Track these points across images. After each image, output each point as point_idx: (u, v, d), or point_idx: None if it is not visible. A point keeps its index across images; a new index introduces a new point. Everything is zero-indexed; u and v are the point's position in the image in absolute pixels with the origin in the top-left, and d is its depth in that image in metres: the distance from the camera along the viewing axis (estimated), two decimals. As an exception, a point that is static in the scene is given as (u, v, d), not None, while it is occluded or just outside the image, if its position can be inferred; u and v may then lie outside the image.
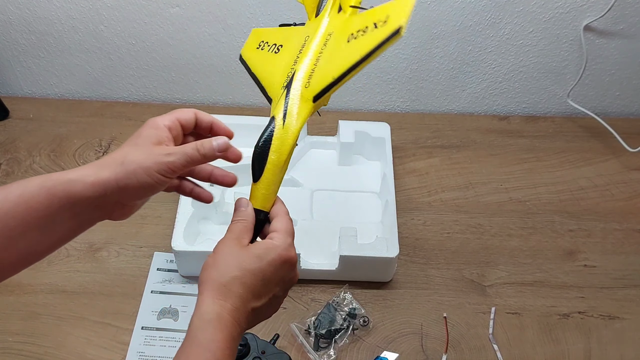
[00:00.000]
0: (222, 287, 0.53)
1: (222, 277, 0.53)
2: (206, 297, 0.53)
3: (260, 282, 0.54)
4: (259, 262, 0.54)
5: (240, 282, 0.53)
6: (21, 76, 1.09)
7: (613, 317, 0.84)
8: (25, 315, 0.81)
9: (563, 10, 0.97)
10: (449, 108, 1.13)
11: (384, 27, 0.55)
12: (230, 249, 0.55)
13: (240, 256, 0.54)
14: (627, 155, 1.03)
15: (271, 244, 0.55)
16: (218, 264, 0.54)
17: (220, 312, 0.52)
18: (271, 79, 0.62)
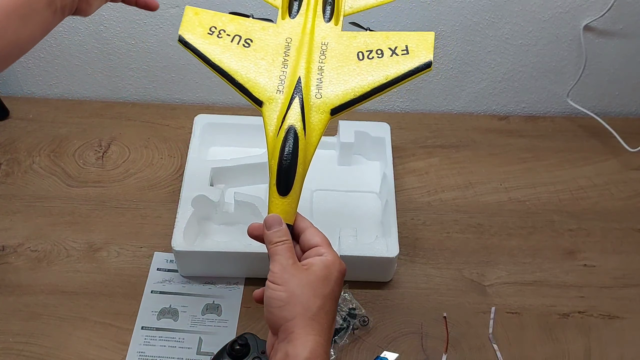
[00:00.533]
0: (312, 322, 0.52)
1: (309, 310, 0.52)
2: (300, 335, 0.51)
3: (334, 304, 0.54)
4: (329, 284, 0.53)
5: (324, 311, 0.52)
6: (21, 76, 1.09)
7: (613, 316, 0.84)
8: (25, 316, 0.81)
9: (562, 10, 0.97)
10: (448, 108, 1.13)
11: (409, 57, 0.58)
12: (299, 277, 0.53)
13: (311, 283, 0.53)
14: (627, 155, 1.03)
15: (328, 262, 0.55)
16: (298, 297, 0.52)
17: (316, 349, 0.51)
18: (254, 77, 0.60)
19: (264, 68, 0.60)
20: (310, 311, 0.52)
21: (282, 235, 0.56)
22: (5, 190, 0.94)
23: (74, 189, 0.95)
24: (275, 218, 0.57)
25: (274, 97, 0.59)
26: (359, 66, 0.59)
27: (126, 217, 0.92)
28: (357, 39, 0.62)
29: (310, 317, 0.52)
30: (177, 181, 0.96)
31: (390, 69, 0.58)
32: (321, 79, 0.59)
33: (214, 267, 0.84)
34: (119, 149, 1.01)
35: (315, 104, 0.58)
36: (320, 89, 0.58)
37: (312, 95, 0.58)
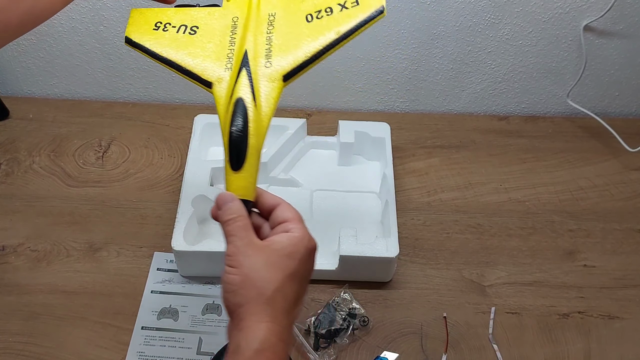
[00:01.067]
0: (266, 306, 0.47)
1: (262, 295, 0.47)
2: (251, 322, 0.46)
3: (297, 285, 0.49)
4: (292, 263, 0.49)
5: (282, 293, 0.47)
6: (21, 76, 1.09)
7: (613, 317, 0.84)
8: (25, 316, 0.81)
9: (562, 11, 0.97)
10: (448, 108, 1.13)
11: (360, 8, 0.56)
12: (254, 257, 0.48)
13: (269, 262, 0.48)
14: (627, 155, 1.03)
15: (294, 238, 0.50)
16: (251, 280, 0.47)
17: (269, 338, 0.46)
18: (201, 61, 0.58)
19: (212, 50, 0.58)
20: (264, 295, 0.47)
21: (234, 212, 0.50)
22: (5, 190, 0.94)
23: (74, 188, 0.95)
24: (225, 195, 0.52)
25: (222, 76, 0.57)
26: (309, 28, 0.57)
27: (126, 217, 0.92)
28: (304, 2, 0.59)
29: (263, 302, 0.47)
30: (177, 181, 0.96)
31: (341, 24, 0.56)
32: (270, 48, 0.57)
33: (214, 267, 0.84)
34: (119, 149, 1.01)
35: (265, 73, 0.56)
36: (270, 58, 0.56)
37: (262, 66, 0.56)
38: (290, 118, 0.99)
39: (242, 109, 0.54)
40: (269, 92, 0.55)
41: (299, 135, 0.99)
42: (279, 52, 0.56)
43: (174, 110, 1.08)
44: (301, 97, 1.11)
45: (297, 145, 0.99)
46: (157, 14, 0.63)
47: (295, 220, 0.51)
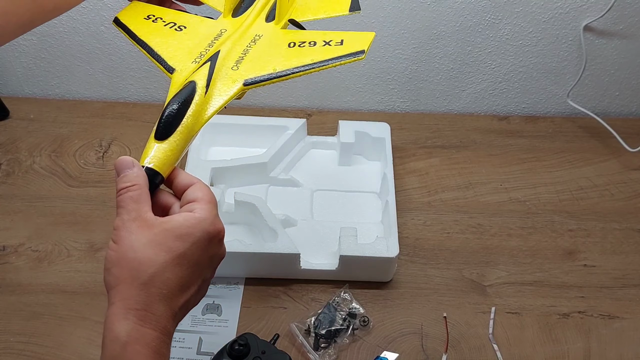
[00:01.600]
0: (139, 292, 0.41)
1: (136, 278, 0.41)
2: (118, 309, 0.41)
3: (186, 271, 0.43)
4: (182, 245, 0.43)
5: (161, 279, 0.42)
6: (22, 77, 1.09)
7: (613, 316, 0.84)
8: (26, 315, 0.81)
9: (562, 11, 0.97)
10: (449, 108, 1.13)
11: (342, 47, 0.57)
12: (137, 235, 0.42)
13: (154, 242, 0.42)
14: (627, 155, 1.03)
15: (193, 218, 0.44)
16: (127, 259, 0.42)
17: (138, 329, 0.41)
18: (174, 51, 0.59)
19: (188, 47, 0.59)
20: (138, 278, 0.41)
21: (129, 179, 0.45)
22: (6, 190, 0.94)
23: (75, 189, 0.95)
24: (124, 160, 0.46)
25: (187, 66, 0.57)
26: (287, 51, 0.58)
27: (127, 217, 0.92)
28: (293, 33, 0.61)
29: (136, 286, 0.41)
30: (178, 181, 0.96)
31: (319, 55, 0.56)
32: (242, 57, 0.57)
33: (214, 267, 0.84)
34: (120, 149, 1.01)
35: (229, 73, 0.56)
36: (239, 63, 0.57)
37: (228, 67, 0.56)
38: (290, 118, 0.99)
39: (191, 90, 0.54)
40: (224, 88, 0.56)
41: (299, 135, 0.99)
42: (249, 62, 0.57)
43: (175, 110, 1.08)
44: (301, 97, 1.11)
45: (297, 145, 0.99)
46: (154, 9, 0.64)
47: (204, 201, 0.46)
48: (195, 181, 0.48)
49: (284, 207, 0.91)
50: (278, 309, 0.83)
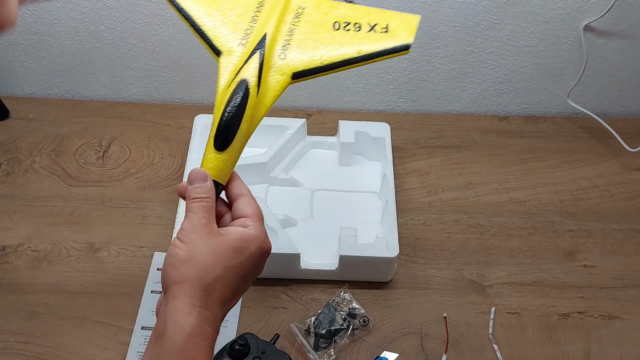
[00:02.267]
0: (203, 292, 0.46)
1: (203, 279, 0.46)
2: (183, 304, 0.45)
3: (239, 280, 0.48)
4: (240, 258, 0.48)
5: (222, 283, 0.47)
6: (22, 76, 1.09)
7: (613, 317, 0.84)
8: (25, 315, 0.81)
9: (563, 11, 0.97)
10: (449, 108, 1.13)
11: (387, 36, 0.55)
12: (206, 241, 0.47)
13: (219, 251, 0.47)
14: (627, 155, 1.03)
15: (248, 235, 0.49)
16: (195, 261, 0.46)
17: (201, 325, 0.45)
18: (219, 27, 0.57)
19: (231, 19, 0.57)
20: (203, 280, 0.46)
21: (203, 192, 0.50)
22: (5, 189, 0.94)
23: (75, 188, 0.95)
24: (199, 173, 0.51)
25: (234, 49, 0.55)
26: (333, 35, 0.55)
27: (126, 217, 0.92)
28: (337, 8, 0.58)
29: (200, 286, 0.46)
30: (178, 181, 0.96)
31: (365, 45, 0.54)
32: (289, 40, 0.55)
33: (214, 267, 0.84)
34: (120, 149, 1.01)
35: (277, 64, 0.54)
36: (286, 50, 0.55)
37: (276, 55, 0.54)
38: (290, 118, 0.99)
39: (244, 91, 0.52)
40: (274, 84, 0.54)
41: (299, 135, 0.99)
42: (297, 47, 0.55)
43: (175, 110, 1.08)
44: (301, 97, 1.11)
45: (298, 145, 0.99)
46: None
47: (254, 218, 0.50)
48: (245, 192, 0.52)
49: (284, 207, 0.91)
50: (278, 309, 0.83)
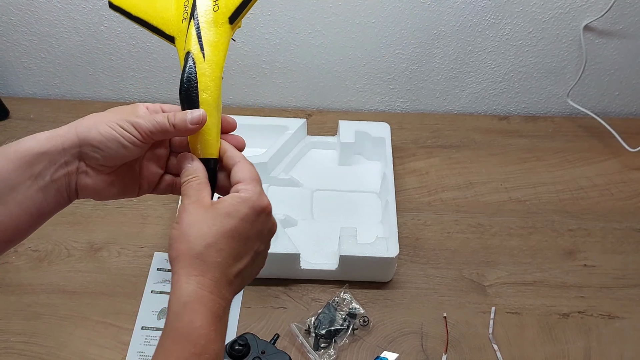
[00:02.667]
0: (196, 260, 0.47)
1: (193, 249, 0.47)
2: (180, 276, 0.47)
3: (237, 243, 0.49)
4: (231, 221, 0.48)
5: (215, 249, 0.47)
6: (22, 77, 1.09)
7: (613, 316, 0.84)
8: (26, 315, 0.81)
9: (562, 11, 0.97)
10: (449, 108, 1.13)
11: None
12: (195, 214, 0.49)
13: (208, 219, 0.48)
14: (627, 155, 1.03)
15: (238, 198, 0.49)
16: (185, 235, 0.48)
17: (197, 291, 0.46)
18: (164, 15, 0.57)
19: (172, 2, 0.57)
20: (194, 249, 0.47)
21: (190, 172, 0.51)
22: (6, 190, 0.94)
23: (75, 189, 0.95)
24: (185, 156, 0.52)
25: (180, 28, 0.56)
26: None
27: (127, 217, 0.92)
28: None
29: (193, 256, 0.47)
30: (178, 181, 0.96)
31: None
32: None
33: (214, 267, 0.84)
34: (120, 149, 1.01)
35: (212, 18, 0.54)
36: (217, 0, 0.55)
37: (210, 10, 0.55)
38: (290, 118, 0.99)
39: (191, 63, 0.53)
40: (217, 40, 0.54)
41: (299, 135, 0.99)
42: None
43: (175, 110, 1.08)
44: (301, 97, 1.11)
45: (298, 145, 0.99)
46: None
47: (247, 181, 0.51)
48: (238, 160, 0.52)
49: (284, 207, 0.92)
50: (278, 309, 0.83)
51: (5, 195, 0.47)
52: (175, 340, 0.45)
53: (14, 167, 0.47)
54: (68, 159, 0.49)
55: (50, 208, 0.51)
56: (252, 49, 1.03)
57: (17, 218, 0.48)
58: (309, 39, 1.01)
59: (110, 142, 0.50)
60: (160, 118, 0.51)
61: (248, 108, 1.12)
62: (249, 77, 1.07)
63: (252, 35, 1.01)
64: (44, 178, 0.49)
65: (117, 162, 0.52)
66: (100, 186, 0.52)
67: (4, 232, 0.48)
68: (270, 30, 1.00)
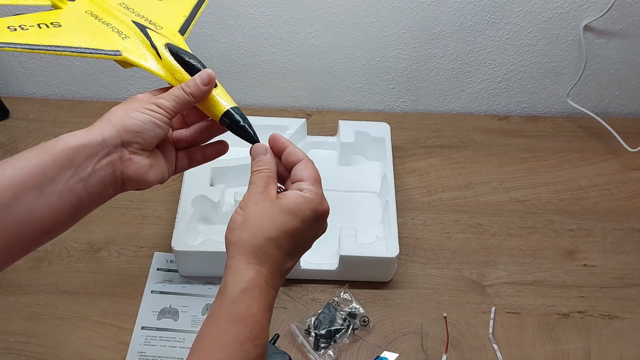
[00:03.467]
0: (257, 250, 0.50)
1: (255, 239, 0.50)
2: (240, 262, 0.49)
3: (295, 241, 0.51)
4: (294, 221, 0.51)
5: (275, 244, 0.50)
6: (22, 77, 1.09)
7: (613, 316, 0.84)
8: (26, 316, 0.81)
9: (562, 11, 0.97)
10: (448, 108, 1.13)
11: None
12: (260, 205, 0.51)
13: (273, 214, 0.51)
14: (627, 155, 1.03)
15: (303, 198, 0.52)
16: (249, 223, 0.50)
17: (256, 280, 0.49)
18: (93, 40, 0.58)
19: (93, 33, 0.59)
20: (256, 240, 0.50)
21: (262, 164, 0.54)
22: (6, 190, 0.94)
23: (75, 189, 0.95)
24: (259, 148, 0.56)
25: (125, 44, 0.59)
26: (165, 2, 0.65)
27: (127, 217, 0.92)
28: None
29: (255, 246, 0.50)
30: (177, 181, 0.96)
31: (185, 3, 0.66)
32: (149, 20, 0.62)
33: (214, 267, 0.84)
34: (120, 149, 1.01)
35: (165, 34, 0.60)
36: (157, 25, 0.61)
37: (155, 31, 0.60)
38: (290, 118, 0.99)
39: (188, 52, 0.58)
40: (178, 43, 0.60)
41: (299, 135, 0.99)
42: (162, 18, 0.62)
43: (175, 110, 1.08)
44: (301, 97, 1.11)
45: (297, 146, 0.99)
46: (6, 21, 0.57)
47: (310, 181, 0.54)
48: (302, 157, 0.56)
49: (284, 207, 0.91)
50: (278, 309, 0.83)
51: (44, 186, 0.48)
52: (232, 322, 0.48)
53: (53, 159, 0.49)
54: (110, 149, 0.52)
55: (90, 199, 0.53)
56: (251, 49, 1.03)
57: (55, 209, 0.50)
58: (308, 39, 1.01)
59: (146, 124, 0.53)
60: (177, 92, 0.55)
61: (248, 108, 1.11)
62: (248, 77, 1.07)
63: (252, 35, 1.01)
64: (85, 170, 0.50)
65: (155, 142, 0.55)
66: (143, 171, 0.54)
67: (42, 223, 0.49)
68: (270, 30, 1.00)
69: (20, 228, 0.47)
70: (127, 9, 0.63)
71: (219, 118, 0.57)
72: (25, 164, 0.48)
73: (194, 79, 0.55)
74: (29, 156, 0.48)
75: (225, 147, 0.63)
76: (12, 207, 0.46)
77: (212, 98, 0.57)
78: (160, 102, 0.54)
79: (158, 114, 0.54)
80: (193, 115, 0.61)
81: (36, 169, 0.48)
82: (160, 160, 0.57)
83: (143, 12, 0.63)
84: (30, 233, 0.49)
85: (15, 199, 0.47)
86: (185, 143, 0.61)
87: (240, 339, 0.47)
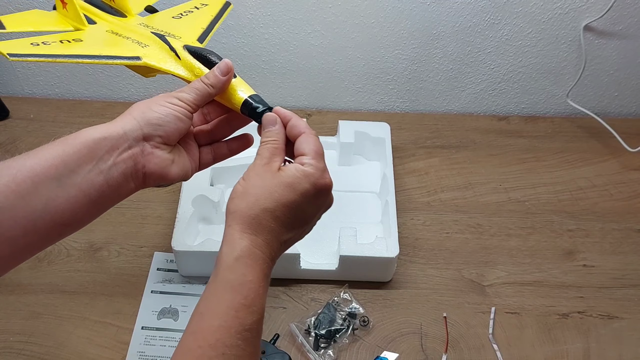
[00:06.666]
0: (252, 220, 0.50)
1: (252, 209, 0.50)
2: (235, 231, 0.50)
3: (293, 213, 0.51)
4: (292, 194, 0.51)
5: (272, 215, 0.50)
6: (22, 76, 1.09)
7: (612, 316, 0.84)
8: (26, 315, 0.81)
9: (562, 11, 0.97)
10: (448, 108, 1.13)
11: (212, 5, 0.72)
12: (261, 177, 0.52)
13: (271, 186, 0.51)
14: (627, 155, 1.03)
15: (303, 172, 0.52)
16: (247, 194, 0.51)
17: (250, 248, 0.49)
18: (113, 49, 0.62)
19: (114, 46, 0.62)
20: (252, 210, 0.50)
21: (270, 135, 0.54)
22: (5, 190, 0.94)
23: (75, 188, 0.95)
24: (269, 118, 0.55)
25: (144, 50, 0.62)
26: (183, 21, 0.67)
27: (126, 216, 0.92)
28: (162, 14, 0.70)
29: (250, 215, 0.50)
30: (178, 181, 0.96)
31: (207, 14, 0.70)
32: (167, 32, 0.64)
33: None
34: (120, 149, 1.01)
35: (180, 40, 0.62)
36: (174, 35, 0.63)
37: (174, 37, 0.63)
38: (290, 118, 0.99)
39: (205, 49, 0.60)
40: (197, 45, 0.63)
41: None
42: (179, 33, 0.64)
43: (174, 110, 1.08)
44: (301, 97, 1.11)
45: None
46: (21, 41, 0.58)
47: (311, 155, 0.53)
48: (304, 130, 0.55)
49: (284, 207, 0.91)
50: (278, 308, 0.83)
51: (64, 178, 0.48)
52: (228, 290, 0.48)
53: (74, 151, 0.49)
54: (131, 142, 0.52)
55: (111, 192, 0.52)
56: (251, 49, 1.03)
57: (74, 200, 0.49)
58: (308, 39, 1.01)
59: (168, 117, 0.53)
60: (197, 84, 0.56)
61: (248, 108, 1.11)
62: (248, 77, 1.06)
63: (252, 35, 1.01)
64: (106, 162, 0.50)
65: (177, 136, 0.55)
66: (164, 165, 0.54)
67: (61, 215, 0.49)
68: (270, 30, 1.00)
69: (38, 217, 0.47)
70: (146, 27, 0.65)
71: (240, 108, 0.57)
72: (45, 155, 0.48)
73: (212, 70, 0.56)
74: (50, 148, 0.48)
75: (250, 140, 0.63)
76: (30, 196, 0.46)
77: (231, 88, 0.57)
78: (181, 96, 0.55)
79: (179, 107, 0.54)
80: (214, 112, 0.61)
81: (56, 160, 0.48)
82: (182, 156, 0.57)
83: (162, 28, 0.65)
84: (48, 223, 0.48)
85: (34, 189, 0.46)
86: (207, 138, 0.61)
87: (235, 306, 0.48)
